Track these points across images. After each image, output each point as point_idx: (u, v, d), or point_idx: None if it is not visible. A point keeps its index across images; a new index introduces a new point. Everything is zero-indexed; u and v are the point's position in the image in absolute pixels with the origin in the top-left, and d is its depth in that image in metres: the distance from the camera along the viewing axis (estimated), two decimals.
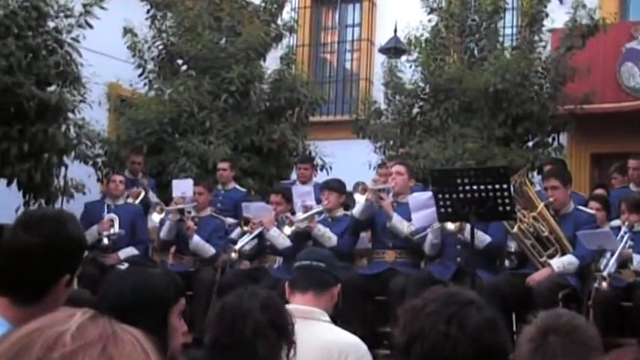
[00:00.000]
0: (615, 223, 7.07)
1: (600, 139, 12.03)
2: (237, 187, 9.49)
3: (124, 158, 10.10)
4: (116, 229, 8.05)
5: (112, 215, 8.14)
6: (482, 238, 6.56)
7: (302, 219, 7.27)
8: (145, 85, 11.27)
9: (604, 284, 6.05)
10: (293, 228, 7.22)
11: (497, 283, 6.35)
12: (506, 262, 6.94)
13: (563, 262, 6.31)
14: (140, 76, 11.21)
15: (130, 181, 9.22)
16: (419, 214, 6.58)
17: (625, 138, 11.41)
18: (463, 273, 6.40)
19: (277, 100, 11.15)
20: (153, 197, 9.45)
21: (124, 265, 5.75)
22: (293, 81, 11.29)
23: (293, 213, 7.57)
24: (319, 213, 7.43)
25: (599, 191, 8.83)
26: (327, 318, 3.25)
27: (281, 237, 7.37)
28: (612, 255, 6.21)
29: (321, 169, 11.21)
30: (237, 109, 11.06)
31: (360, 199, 7.07)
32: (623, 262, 6.39)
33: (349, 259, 7.44)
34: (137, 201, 9.02)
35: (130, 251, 8.02)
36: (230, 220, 8.55)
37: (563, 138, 11.50)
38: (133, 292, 2.25)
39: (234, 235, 8.11)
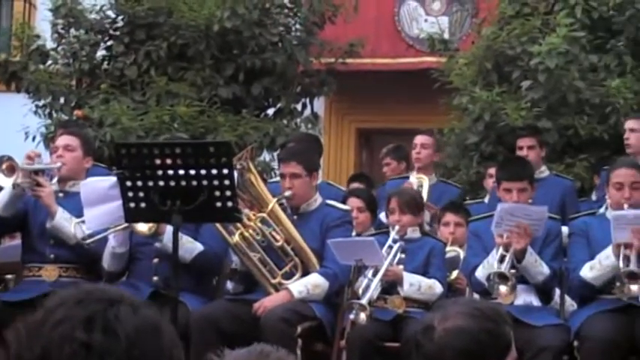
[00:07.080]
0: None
1: (371, 109, 12.61)
2: None
3: None
4: None
5: None
6: (190, 247, 6.76)
7: None
8: None
9: (362, 316, 6.37)
10: None
11: (211, 313, 6.57)
12: (229, 285, 7.12)
13: (306, 285, 6.62)
14: None
15: None
16: (96, 209, 6.57)
17: (405, 108, 12.08)
18: (161, 299, 6.47)
19: None
20: None
21: None
22: None
23: None
24: None
25: (356, 185, 9.11)
26: None
27: None
28: (375, 274, 6.57)
29: None
30: None
31: (5, 183, 6.96)
32: (391, 285, 6.75)
33: None
34: None
35: None
36: None
37: (319, 105, 12.02)
38: None
39: None
